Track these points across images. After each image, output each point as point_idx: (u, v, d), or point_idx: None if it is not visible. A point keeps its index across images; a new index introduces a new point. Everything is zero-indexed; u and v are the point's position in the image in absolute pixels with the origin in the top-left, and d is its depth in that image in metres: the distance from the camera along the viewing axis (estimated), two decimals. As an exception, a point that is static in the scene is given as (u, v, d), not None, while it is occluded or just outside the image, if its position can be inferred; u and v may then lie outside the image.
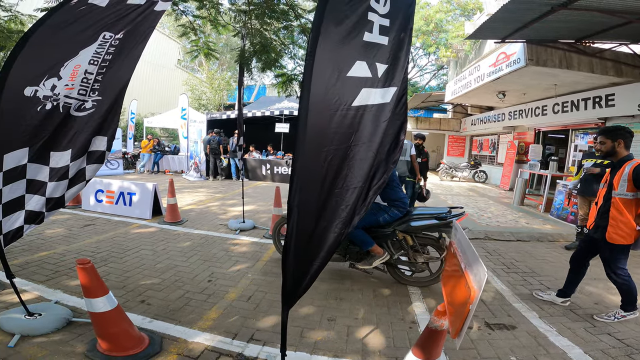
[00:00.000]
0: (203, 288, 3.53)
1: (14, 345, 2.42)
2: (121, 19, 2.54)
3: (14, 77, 2.23)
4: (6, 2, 6.69)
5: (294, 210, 1.75)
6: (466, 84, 10.76)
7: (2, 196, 2.42)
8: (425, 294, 3.66)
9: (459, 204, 8.75)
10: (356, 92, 1.78)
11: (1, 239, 2.50)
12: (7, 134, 2.32)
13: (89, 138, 2.80)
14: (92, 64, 2.57)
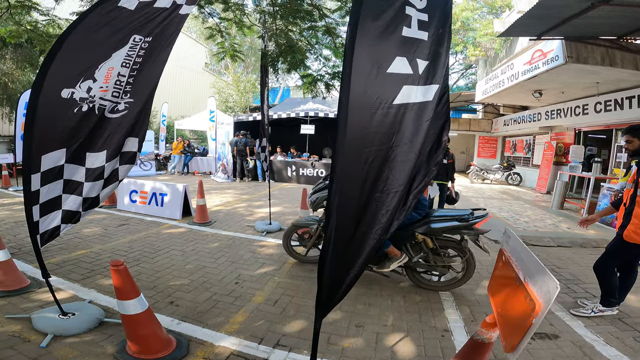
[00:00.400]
0: (230, 290, 3.53)
1: (45, 346, 2.46)
2: (149, 21, 2.57)
3: (51, 79, 2.28)
4: (43, 7, 7.01)
5: (333, 215, 1.68)
6: (498, 83, 10.36)
7: (39, 196, 2.48)
8: (459, 301, 3.50)
9: (493, 208, 8.39)
10: (397, 89, 1.69)
11: (38, 238, 2.55)
12: (45, 136, 2.37)
13: (122, 139, 2.86)
14: (124, 66, 2.61)
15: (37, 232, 2.53)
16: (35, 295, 3.25)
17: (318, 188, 4.14)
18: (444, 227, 3.48)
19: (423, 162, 1.83)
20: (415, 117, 1.76)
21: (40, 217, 2.54)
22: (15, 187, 9.61)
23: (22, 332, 2.62)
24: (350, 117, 1.60)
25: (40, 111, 2.28)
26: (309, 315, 3.09)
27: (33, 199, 2.42)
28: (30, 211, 2.43)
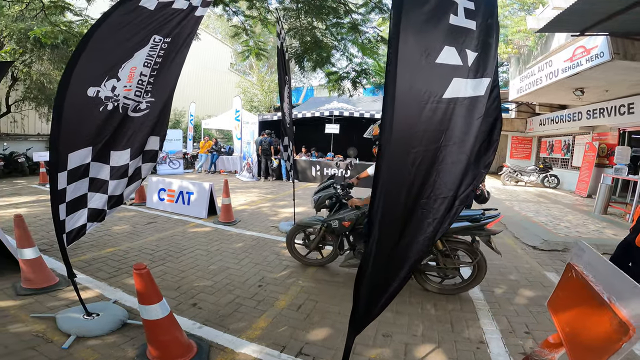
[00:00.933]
0: (253, 293, 3.45)
1: (67, 347, 2.46)
2: (168, 22, 2.60)
3: (77, 78, 2.29)
4: (76, 7, 7.23)
5: (376, 223, 1.54)
6: (535, 80, 9.85)
7: (66, 195, 2.48)
8: (496, 311, 3.28)
9: (529, 212, 7.94)
10: (447, 82, 1.55)
11: (64, 237, 2.55)
12: (72, 134, 2.39)
13: (145, 138, 2.88)
14: (146, 66, 2.64)
15: (63, 231, 2.54)
16: (62, 293, 3.29)
17: (321, 187, 4.02)
18: (454, 227, 3.32)
19: (471, 164, 1.67)
20: (466, 114, 1.61)
21: (67, 215, 2.55)
22: (53, 183, 10.03)
23: (46, 332, 2.63)
24: (396, 113, 1.45)
25: (67, 110, 2.30)
26: (333, 323, 2.97)
27: (59, 197, 2.43)
28: (57, 210, 2.43)
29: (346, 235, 3.92)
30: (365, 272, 1.61)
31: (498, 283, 3.96)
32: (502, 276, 4.18)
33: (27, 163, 12.33)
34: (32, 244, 3.34)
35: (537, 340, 2.77)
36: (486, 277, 4.03)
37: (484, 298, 3.56)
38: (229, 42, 28.88)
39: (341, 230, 3.77)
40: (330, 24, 5.65)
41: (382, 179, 1.51)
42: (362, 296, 1.64)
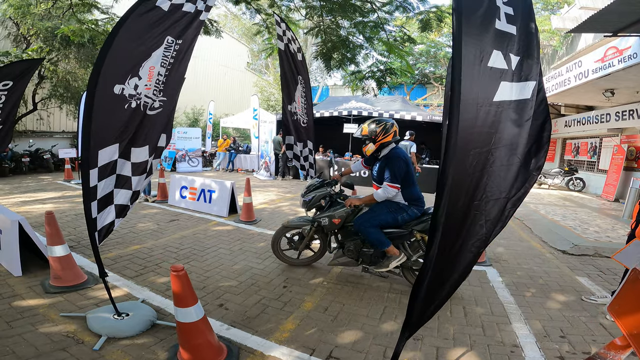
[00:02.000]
0: (279, 294, 3.41)
1: (99, 348, 2.44)
2: (178, 24, 2.69)
3: (104, 76, 2.33)
4: (102, 5, 7.35)
5: (439, 229, 1.53)
6: (563, 81, 9.58)
7: (97, 192, 2.50)
8: (528, 315, 3.20)
9: (556, 215, 7.70)
10: (496, 85, 1.58)
11: (96, 235, 2.56)
12: (101, 131, 2.42)
13: (158, 135, 2.95)
14: (162, 66, 2.72)
15: (95, 229, 2.55)
16: (91, 292, 3.30)
17: (313, 187, 3.96)
18: None
19: (522, 167, 1.70)
20: (513, 117, 1.63)
21: (98, 213, 2.57)
22: (77, 180, 10.28)
23: (77, 332, 2.62)
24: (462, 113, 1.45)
25: (96, 107, 2.33)
26: (362, 326, 2.91)
27: (91, 194, 2.45)
28: (89, 207, 2.44)
29: (334, 234, 3.89)
30: (425, 275, 1.60)
31: (528, 287, 3.87)
32: (532, 280, 4.08)
33: (52, 159, 12.67)
34: (63, 241, 3.35)
35: (574, 344, 2.74)
36: (516, 281, 4.00)
37: (515, 302, 3.48)
38: (246, 42, 29.12)
39: (331, 227, 3.76)
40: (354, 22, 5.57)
41: (448, 184, 1.48)
42: (420, 299, 1.64)
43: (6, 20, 12.38)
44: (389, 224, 3.44)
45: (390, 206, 3.45)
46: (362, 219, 3.50)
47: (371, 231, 3.39)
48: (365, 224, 3.45)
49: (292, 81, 5.04)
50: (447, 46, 22.42)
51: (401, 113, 11.31)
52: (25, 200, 7.32)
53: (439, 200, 1.50)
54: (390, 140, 3.49)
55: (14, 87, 5.14)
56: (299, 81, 5.05)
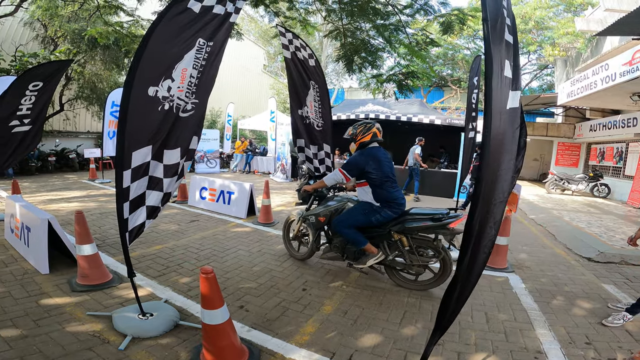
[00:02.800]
0: (298, 297, 3.42)
1: (124, 348, 2.47)
2: (209, 26, 2.69)
3: (139, 77, 2.36)
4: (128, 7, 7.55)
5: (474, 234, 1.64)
6: (589, 84, 9.31)
7: (130, 193, 2.53)
8: (552, 322, 3.14)
9: (581, 222, 7.46)
10: (507, 94, 1.68)
11: (127, 236, 2.59)
12: (135, 132, 2.44)
13: (189, 138, 2.95)
14: (194, 68, 2.72)
15: (126, 229, 2.58)
16: (116, 291, 3.36)
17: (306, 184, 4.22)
18: (418, 226, 3.46)
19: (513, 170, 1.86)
20: (510, 124, 1.74)
21: (130, 213, 2.59)
22: (101, 179, 10.58)
23: (103, 331, 2.66)
24: (494, 120, 1.54)
25: (131, 108, 2.36)
26: (382, 329, 2.90)
27: (124, 195, 2.48)
28: (121, 208, 2.47)
29: (325, 230, 4.05)
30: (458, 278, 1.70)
31: (553, 294, 3.80)
32: (556, 287, 3.99)
33: (77, 159, 13.08)
34: (91, 240, 3.40)
35: (599, 351, 2.71)
36: (540, 288, 3.93)
37: (538, 309, 3.42)
38: (262, 44, 29.42)
39: (318, 225, 3.97)
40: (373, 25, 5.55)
41: (484, 191, 1.55)
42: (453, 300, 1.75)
43: (34, 22, 12.86)
44: (364, 224, 3.57)
45: (364, 208, 3.58)
46: (338, 220, 3.68)
47: (346, 231, 3.57)
48: (340, 225, 3.63)
49: (301, 87, 5.11)
50: (464, 48, 22.08)
51: (419, 116, 11.20)
52: (52, 199, 7.58)
53: (474, 208, 1.56)
54: (369, 139, 3.63)
55: (43, 88, 5.25)
56: (310, 86, 5.08)
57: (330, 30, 6.87)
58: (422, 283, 3.68)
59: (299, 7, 6.96)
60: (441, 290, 3.70)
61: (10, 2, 11.05)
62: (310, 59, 4.98)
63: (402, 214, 3.55)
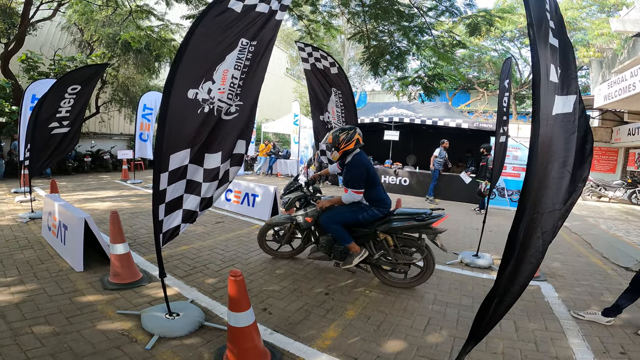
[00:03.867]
0: (321, 301, 3.42)
1: (150, 348, 2.50)
2: (252, 25, 2.61)
3: (179, 80, 2.36)
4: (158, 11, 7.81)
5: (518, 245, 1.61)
6: (627, 86, 8.91)
7: (166, 195, 2.55)
8: (586, 331, 3.04)
9: (618, 231, 7.09)
10: (553, 99, 1.61)
11: (160, 237, 2.62)
12: (174, 135, 2.45)
13: (234, 141, 2.90)
14: (237, 69, 2.66)
15: (161, 231, 2.60)
16: (145, 290, 3.45)
17: (291, 189, 4.29)
18: (402, 225, 3.61)
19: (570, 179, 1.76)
20: (562, 130, 1.68)
21: (165, 216, 2.61)
22: (132, 180, 11.00)
23: (131, 330, 2.73)
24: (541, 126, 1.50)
25: (170, 112, 2.36)
26: (405, 336, 2.87)
27: (160, 197, 2.51)
28: (157, 210, 2.50)
29: (312, 231, 4.17)
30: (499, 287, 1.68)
31: (589, 304, 3.67)
32: (592, 297, 3.86)
33: (111, 160, 13.66)
34: (124, 239, 3.51)
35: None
36: (574, 297, 3.80)
37: (572, 318, 3.31)
38: (284, 47, 29.74)
39: (305, 225, 4.06)
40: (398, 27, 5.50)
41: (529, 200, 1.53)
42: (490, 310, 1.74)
43: (72, 26, 13.52)
44: (351, 221, 3.70)
45: (352, 205, 3.69)
46: (326, 217, 3.78)
47: (333, 227, 3.68)
48: (328, 220, 3.73)
49: (322, 94, 5.31)
50: (491, 50, 21.46)
51: (445, 120, 10.97)
52: (87, 198, 7.95)
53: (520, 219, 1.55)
54: (352, 147, 3.70)
55: (81, 91, 5.50)
56: (332, 92, 5.23)
57: (354, 32, 6.88)
58: (407, 281, 3.82)
59: (322, 10, 7.01)
60: (470, 298, 3.67)
61: (48, 6, 11.61)
62: (332, 67, 5.12)
63: (387, 214, 3.71)
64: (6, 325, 2.68)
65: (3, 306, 2.97)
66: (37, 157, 5.51)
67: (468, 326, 3.00)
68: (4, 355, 2.31)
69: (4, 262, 3.92)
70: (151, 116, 10.79)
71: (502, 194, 9.36)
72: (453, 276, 4.29)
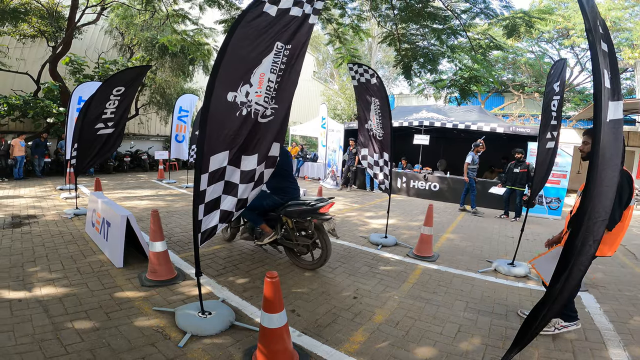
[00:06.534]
0: (349, 305, 3.42)
1: (183, 346, 2.56)
2: (287, 29, 2.65)
3: (219, 83, 2.43)
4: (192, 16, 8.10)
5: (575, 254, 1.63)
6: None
7: (205, 196, 2.63)
8: (627, 341, 2.93)
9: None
10: (607, 105, 1.59)
11: (199, 236, 2.70)
12: (214, 137, 2.53)
13: (269, 144, 2.95)
14: (272, 72, 2.71)
15: (199, 231, 2.68)
16: (179, 287, 3.57)
17: None
18: (295, 210, 4.03)
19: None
20: (614, 137, 1.66)
21: (204, 215, 2.69)
22: (167, 179, 11.45)
23: (166, 327, 2.80)
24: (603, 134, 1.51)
25: (212, 114, 2.44)
26: (435, 343, 2.82)
27: (200, 198, 2.59)
28: (197, 210, 2.58)
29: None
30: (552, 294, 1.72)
31: (631, 315, 3.51)
32: (635, 308, 3.68)
33: (148, 160, 14.30)
34: (163, 237, 3.64)
35: None
36: (617, 308, 3.65)
37: (613, 328, 3.19)
38: (311, 51, 29.96)
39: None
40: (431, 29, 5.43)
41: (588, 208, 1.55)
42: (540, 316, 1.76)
43: (113, 30, 14.26)
44: (257, 207, 4.18)
45: (259, 194, 3.88)
46: None
47: (245, 212, 4.08)
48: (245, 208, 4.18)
49: (365, 104, 5.55)
50: (527, 52, 20.63)
51: (479, 124, 10.62)
52: (127, 196, 8.37)
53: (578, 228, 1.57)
54: None
55: (125, 93, 5.71)
56: (372, 101, 5.42)
57: (385, 35, 6.85)
58: (313, 263, 4.25)
59: (351, 13, 7.03)
60: (504, 307, 3.55)
61: (92, 10, 12.29)
62: (372, 78, 5.30)
63: (287, 201, 4.14)
64: (48, 319, 2.80)
65: (47, 300, 3.11)
66: (84, 157, 5.83)
67: (501, 335, 3.02)
68: (45, 350, 2.39)
69: (49, 256, 4.17)
70: (186, 118, 11.13)
71: (540, 201, 8.95)
72: (486, 284, 4.17)
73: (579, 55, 19.90)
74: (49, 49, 12.17)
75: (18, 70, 11.81)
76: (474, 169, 8.97)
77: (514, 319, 3.32)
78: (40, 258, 4.12)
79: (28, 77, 11.91)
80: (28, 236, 4.92)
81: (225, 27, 7.51)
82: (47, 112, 10.98)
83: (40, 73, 12.09)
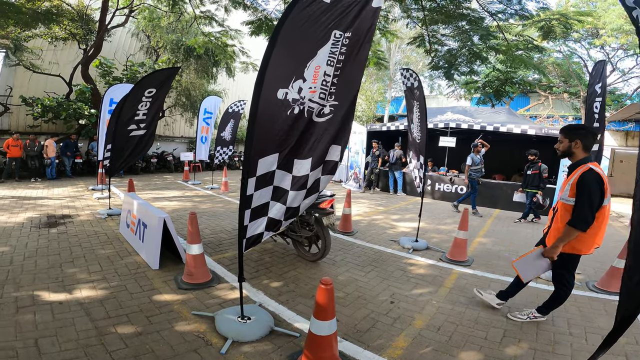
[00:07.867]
0: (387, 310, 3.35)
1: (225, 352, 2.49)
2: (345, 15, 2.37)
3: (269, 79, 2.20)
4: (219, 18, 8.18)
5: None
6: None
7: (252, 201, 2.46)
8: None
9: None
10: None
11: (244, 242, 2.58)
12: (262, 139, 2.31)
13: (326, 146, 2.69)
14: (329, 65, 2.44)
15: (244, 236, 2.55)
16: (215, 291, 3.53)
17: None
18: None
19: None
20: None
21: (250, 221, 2.54)
22: (193, 180, 11.63)
23: (206, 333, 2.75)
24: None
25: (260, 113, 2.22)
26: (480, 348, 2.74)
27: (246, 202, 2.43)
28: (243, 215, 2.45)
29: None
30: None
31: None
32: None
33: (173, 161, 14.58)
34: (199, 240, 3.60)
35: None
36: None
37: None
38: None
39: None
40: (470, 28, 5.31)
41: None
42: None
43: (140, 32, 14.60)
44: None
45: None
46: None
47: None
48: None
49: (410, 107, 5.62)
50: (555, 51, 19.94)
51: (508, 126, 10.27)
52: (156, 197, 8.53)
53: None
54: None
55: (156, 94, 5.76)
56: (414, 104, 5.43)
57: (414, 37, 6.74)
58: (317, 255, 4.43)
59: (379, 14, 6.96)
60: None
61: (120, 13, 12.53)
62: (415, 82, 5.28)
63: None
64: (91, 323, 2.76)
65: (88, 302, 3.10)
66: (117, 158, 5.96)
67: (550, 339, 2.92)
68: (90, 357, 2.34)
69: (87, 257, 4.23)
70: (210, 120, 11.24)
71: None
72: (527, 289, 3.91)
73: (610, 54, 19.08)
74: (80, 51, 12.58)
75: (51, 73, 12.24)
76: (476, 170, 8.65)
77: (561, 324, 3.21)
78: (78, 259, 4.18)
79: (60, 80, 12.33)
80: (64, 236, 5.02)
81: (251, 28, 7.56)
82: (79, 114, 11.34)
83: (72, 75, 12.50)
